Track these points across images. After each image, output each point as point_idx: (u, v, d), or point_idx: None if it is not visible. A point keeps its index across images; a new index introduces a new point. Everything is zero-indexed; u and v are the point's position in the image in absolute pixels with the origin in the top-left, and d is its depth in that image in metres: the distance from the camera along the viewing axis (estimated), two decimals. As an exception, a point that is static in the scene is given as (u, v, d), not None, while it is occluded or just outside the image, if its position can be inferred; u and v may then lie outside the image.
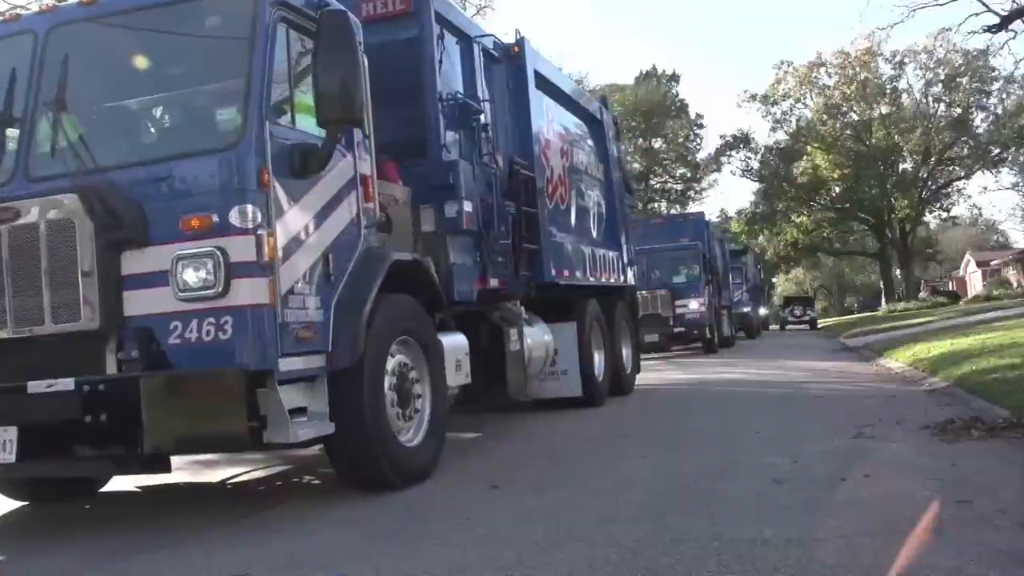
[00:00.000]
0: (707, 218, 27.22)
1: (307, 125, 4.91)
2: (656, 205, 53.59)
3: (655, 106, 53.27)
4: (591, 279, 9.88)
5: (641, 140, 54.79)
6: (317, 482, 6.25)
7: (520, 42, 8.65)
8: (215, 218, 4.38)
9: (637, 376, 11.49)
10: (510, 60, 8.53)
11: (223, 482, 6.30)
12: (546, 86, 9.29)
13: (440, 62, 7.01)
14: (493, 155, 7.65)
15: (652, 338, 19.95)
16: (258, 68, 4.60)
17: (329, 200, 5.05)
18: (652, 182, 55.44)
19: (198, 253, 4.35)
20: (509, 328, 7.74)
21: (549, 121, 9.33)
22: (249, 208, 4.41)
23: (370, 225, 5.39)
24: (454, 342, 6.31)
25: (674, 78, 57.28)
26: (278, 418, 4.42)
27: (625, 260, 11.49)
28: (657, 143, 56.75)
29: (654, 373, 15.10)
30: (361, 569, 3.66)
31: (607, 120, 11.67)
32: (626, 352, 11.09)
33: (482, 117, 7.51)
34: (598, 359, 9.76)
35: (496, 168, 7.67)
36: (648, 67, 57.61)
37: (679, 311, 20.77)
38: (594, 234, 10.56)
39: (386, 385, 5.22)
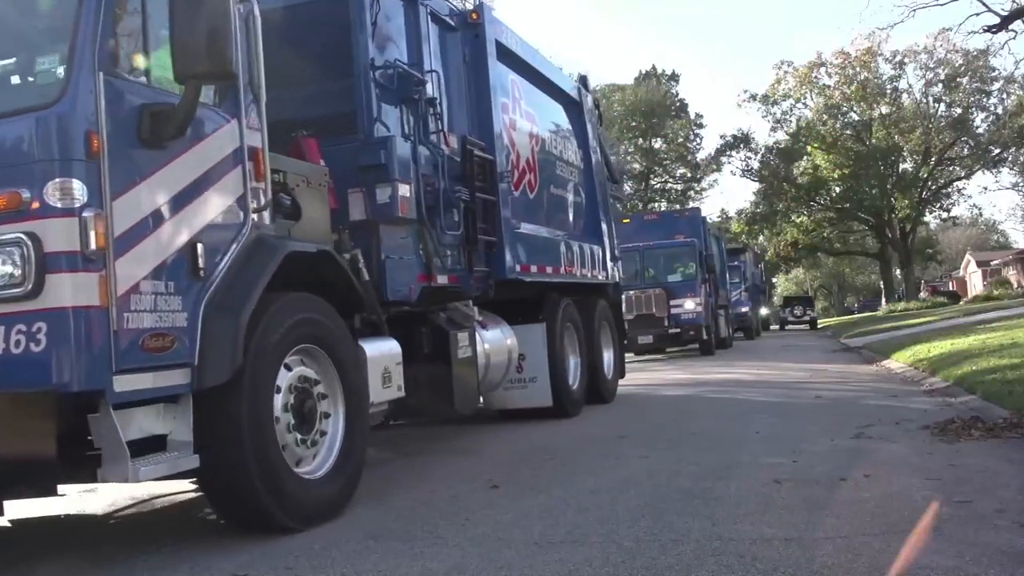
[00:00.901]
0: (703, 214, 26.17)
1: (164, 81, 3.98)
2: (656, 205, 53.58)
3: (655, 106, 53.26)
4: (564, 275, 8.98)
5: (641, 140, 54.81)
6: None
7: (479, 8, 7.80)
8: (25, 195, 3.48)
9: (624, 380, 11.04)
10: (467, 28, 7.58)
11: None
12: (511, 60, 8.33)
13: (374, 24, 6.09)
14: (443, 133, 6.70)
15: (646, 339, 19.39)
16: (90, 4, 3.68)
17: (200, 176, 4.09)
18: (652, 182, 55.48)
19: (2, 241, 3.48)
20: (458, 332, 6.75)
21: (514, 99, 8.38)
22: (73, 183, 3.48)
23: (262, 208, 4.45)
24: (382, 349, 5.41)
25: (674, 78, 57.32)
26: (113, 451, 3.54)
27: (608, 255, 10.54)
28: (657, 143, 56.75)
29: (647, 374, 15.09)
30: (361, 569, 3.66)
31: (587, 102, 10.68)
32: (607, 356, 10.25)
33: (428, 89, 6.57)
34: (573, 364, 9.06)
35: (446, 149, 6.73)
36: (648, 67, 57.68)
37: (674, 311, 19.84)
38: (570, 226, 9.71)
39: (278, 405, 4.33)
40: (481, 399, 8.04)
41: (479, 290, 7.26)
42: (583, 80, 11.22)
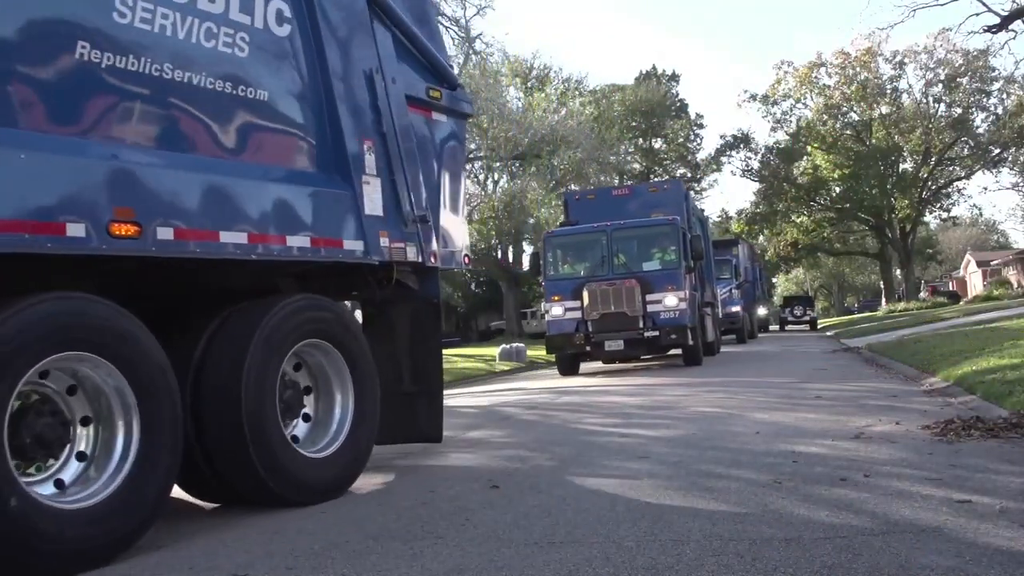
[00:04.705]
0: (685, 188, 21.02)
1: None
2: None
3: (655, 106, 53.35)
4: (76, 242, 4.05)
5: (641, 140, 54.92)
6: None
7: None
8: None
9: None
10: None
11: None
12: None
13: None
14: None
15: (615, 345, 15.60)
16: None
17: None
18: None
19: None
20: None
21: None
22: None
23: None
24: None
25: (674, 78, 57.54)
26: None
27: (378, 211, 5.89)
28: (657, 143, 56.89)
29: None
30: (361, 569, 3.66)
31: None
32: (338, 414, 5.56)
33: None
34: (120, 453, 4.22)
35: None
36: (648, 67, 57.81)
37: (651, 308, 15.65)
38: (209, 142, 4.99)
39: None
40: None
41: None
42: None
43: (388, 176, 6.06)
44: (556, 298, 16.33)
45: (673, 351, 17.08)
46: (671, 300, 15.71)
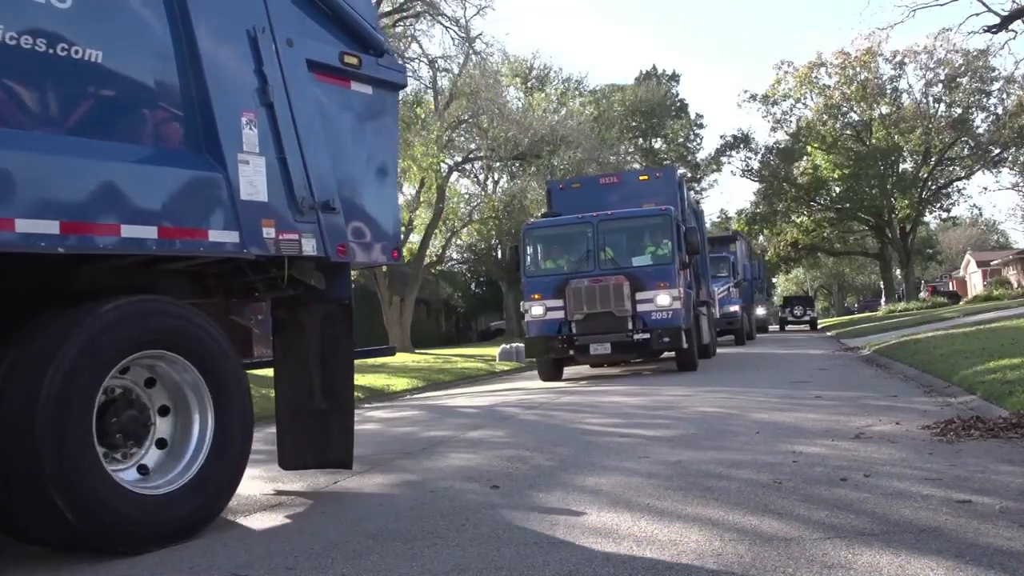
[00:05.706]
0: (679, 176, 18.40)
1: None
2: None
3: (655, 106, 53.40)
4: None
5: (641, 140, 54.95)
6: (316, 483, 6.25)
7: None
8: None
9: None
10: None
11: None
12: None
13: None
14: None
15: (602, 348, 14.25)
16: None
17: None
18: (652, 182, 55.64)
19: None
20: None
21: None
22: None
23: None
24: None
25: (674, 78, 57.62)
26: None
27: (260, 196, 4.93)
28: (657, 143, 56.91)
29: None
30: (361, 569, 3.66)
31: None
32: (195, 438, 4.69)
33: None
34: None
35: None
36: (648, 67, 57.91)
37: (642, 307, 14.24)
38: None
39: None
40: None
41: None
42: None
43: (277, 155, 5.07)
44: (536, 296, 14.85)
45: (666, 354, 15.70)
46: (663, 299, 14.28)
